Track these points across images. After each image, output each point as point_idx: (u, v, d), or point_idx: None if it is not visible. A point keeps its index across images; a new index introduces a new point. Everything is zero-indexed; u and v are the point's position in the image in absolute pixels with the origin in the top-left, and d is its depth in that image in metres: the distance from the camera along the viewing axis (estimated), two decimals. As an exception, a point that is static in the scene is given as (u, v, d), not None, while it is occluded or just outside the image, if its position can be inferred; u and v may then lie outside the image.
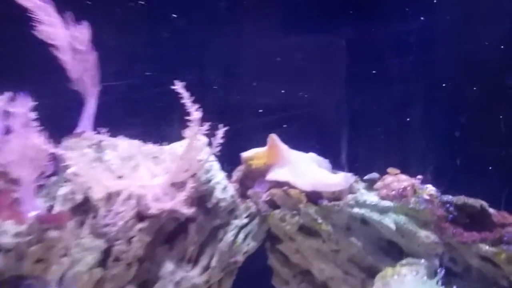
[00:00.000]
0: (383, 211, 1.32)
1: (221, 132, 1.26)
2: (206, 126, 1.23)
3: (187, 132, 1.22)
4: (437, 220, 1.32)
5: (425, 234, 1.29)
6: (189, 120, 1.22)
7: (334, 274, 1.34)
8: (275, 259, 1.40)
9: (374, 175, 1.48)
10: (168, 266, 1.27)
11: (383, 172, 1.51)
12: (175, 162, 1.24)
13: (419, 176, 1.45)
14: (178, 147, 1.32)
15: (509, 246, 1.28)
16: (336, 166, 1.60)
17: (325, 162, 1.48)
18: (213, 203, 1.29)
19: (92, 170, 1.20)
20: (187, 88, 1.25)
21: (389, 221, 1.31)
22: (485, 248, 1.29)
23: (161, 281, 1.25)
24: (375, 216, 1.31)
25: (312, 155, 1.49)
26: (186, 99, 1.20)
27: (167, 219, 1.30)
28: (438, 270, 1.21)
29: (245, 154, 1.41)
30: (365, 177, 1.47)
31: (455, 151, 1.78)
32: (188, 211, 1.22)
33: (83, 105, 1.39)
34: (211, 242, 1.31)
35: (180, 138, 1.37)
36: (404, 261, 1.30)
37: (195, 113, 1.21)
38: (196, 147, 1.26)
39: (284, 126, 1.85)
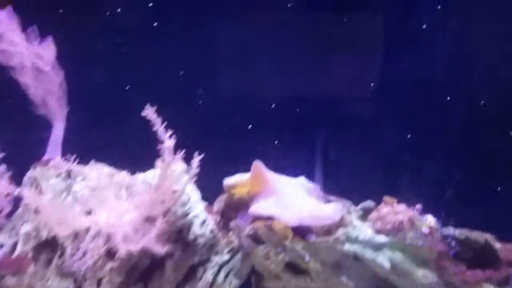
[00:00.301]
0: (377, 247, 1.20)
1: (196, 161, 1.15)
2: (181, 154, 1.12)
3: (159, 163, 1.10)
4: (437, 257, 1.21)
5: (423, 274, 1.17)
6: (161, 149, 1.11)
7: (323, 314, 1.24)
8: (260, 295, 1.30)
9: (369, 203, 1.35)
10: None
11: (380, 197, 1.40)
12: (148, 195, 1.13)
13: (418, 206, 1.33)
14: (152, 176, 1.21)
15: (516, 288, 1.17)
16: (329, 188, 1.48)
17: (315, 188, 1.36)
18: (191, 239, 1.19)
19: (56, 207, 1.10)
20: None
21: (384, 258, 1.19)
22: (490, 288, 1.18)
23: (134, 326, 1.16)
24: (368, 253, 1.20)
25: (302, 181, 1.37)
26: (158, 125, 1.09)
27: (141, 256, 1.20)
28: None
29: (227, 182, 1.29)
30: (359, 206, 1.35)
31: (457, 173, 1.66)
32: (160, 250, 1.11)
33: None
34: (190, 281, 1.21)
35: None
36: (400, 303, 1.20)
37: (168, 141, 1.10)
38: (170, 178, 1.15)
39: (276, 142, 1.74)
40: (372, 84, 1.71)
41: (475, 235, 1.26)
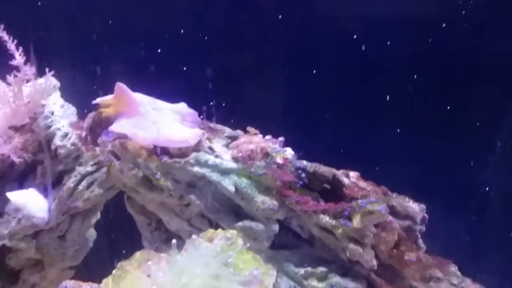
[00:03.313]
0: (225, 172, 1.27)
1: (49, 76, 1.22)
2: (32, 71, 1.18)
3: (12, 80, 1.17)
4: (280, 186, 1.26)
5: (262, 200, 1.24)
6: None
7: (180, 227, 1.36)
8: (130, 206, 1.42)
9: (237, 132, 1.40)
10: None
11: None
12: (9, 105, 1.22)
13: (281, 138, 1.36)
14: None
15: (347, 221, 1.22)
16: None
17: (191, 115, 1.40)
18: (53, 149, 1.30)
19: None
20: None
21: (229, 183, 1.26)
22: (325, 219, 1.24)
23: (5, 217, 1.33)
24: (214, 176, 1.27)
25: (178, 107, 1.42)
26: (9, 43, 1.14)
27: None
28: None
29: (99, 100, 1.36)
30: (226, 134, 1.40)
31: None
32: (17, 159, 1.23)
33: None
34: (57, 186, 1.35)
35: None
36: (241, 223, 1.29)
37: (19, 58, 1.16)
38: (34, 92, 1.23)
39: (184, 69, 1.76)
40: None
41: (324, 169, 1.29)
